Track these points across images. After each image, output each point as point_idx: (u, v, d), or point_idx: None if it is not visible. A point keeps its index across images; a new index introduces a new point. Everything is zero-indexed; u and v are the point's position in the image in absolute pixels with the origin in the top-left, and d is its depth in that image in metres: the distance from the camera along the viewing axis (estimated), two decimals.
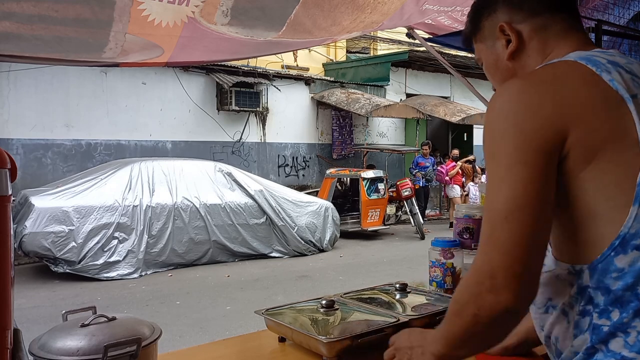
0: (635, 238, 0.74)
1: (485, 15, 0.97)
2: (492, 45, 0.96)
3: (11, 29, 1.50)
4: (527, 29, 0.92)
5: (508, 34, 0.92)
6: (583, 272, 0.78)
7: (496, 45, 0.95)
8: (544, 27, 0.91)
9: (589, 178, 0.76)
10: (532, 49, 0.92)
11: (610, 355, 0.76)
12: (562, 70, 0.82)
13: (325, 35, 1.99)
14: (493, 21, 0.95)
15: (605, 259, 0.75)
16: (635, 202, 0.74)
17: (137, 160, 7.39)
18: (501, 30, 0.93)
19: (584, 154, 0.76)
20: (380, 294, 1.52)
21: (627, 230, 0.74)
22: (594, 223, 0.77)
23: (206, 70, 9.81)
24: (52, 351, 0.89)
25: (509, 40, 0.93)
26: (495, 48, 0.96)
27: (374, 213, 9.20)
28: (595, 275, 0.76)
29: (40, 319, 4.43)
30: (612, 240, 0.75)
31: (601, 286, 0.76)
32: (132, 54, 1.84)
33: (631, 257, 0.74)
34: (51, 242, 5.94)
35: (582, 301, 0.78)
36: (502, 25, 0.92)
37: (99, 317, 0.96)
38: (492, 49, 0.97)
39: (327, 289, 5.50)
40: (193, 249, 6.90)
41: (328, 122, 11.88)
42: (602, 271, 0.76)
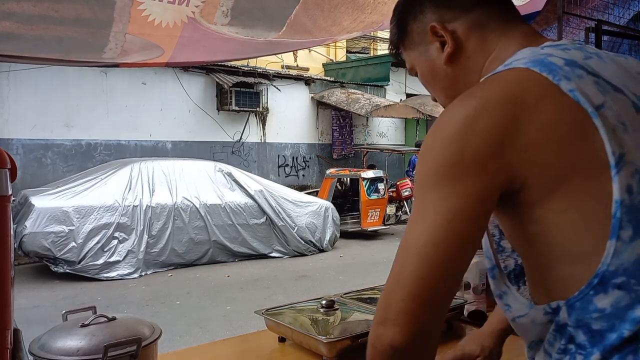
0: (615, 276, 0.63)
1: (411, 17, 0.85)
2: (424, 50, 0.84)
3: (11, 29, 1.50)
4: (462, 27, 0.80)
5: (441, 34, 0.80)
6: (560, 308, 0.68)
7: (430, 50, 0.83)
8: (479, 23, 0.80)
9: (556, 210, 0.65)
10: (471, 49, 0.80)
11: None
12: (513, 83, 0.68)
13: (325, 35, 2.00)
14: (422, 23, 0.83)
15: (583, 297, 0.65)
16: (613, 236, 0.63)
17: (137, 160, 7.39)
18: (433, 31, 0.81)
19: (545, 185, 0.65)
20: (380, 294, 1.52)
21: (606, 268, 0.64)
22: (566, 260, 0.67)
23: (206, 70, 9.82)
24: (52, 351, 0.89)
25: (443, 42, 0.81)
26: (428, 54, 0.84)
27: (374, 213, 9.20)
28: (573, 314, 0.66)
29: (40, 319, 4.42)
30: (589, 278, 0.64)
31: (581, 325, 0.66)
32: (132, 54, 1.84)
33: (613, 296, 0.64)
34: (51, 242, 5.94)
35: (562, 339, 0.68)
36: (434, 25, 0.81)
37: (99, 317, 0.96)
38: (425, 55, 0.84)
39: (327, 289, 5.49)
40: (193, 249, 6.90)
41: (328, 122, 11.88)
42: (582, 310, 0.66)
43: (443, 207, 0.65)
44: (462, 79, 0.82)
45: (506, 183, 0.66)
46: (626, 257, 0.63)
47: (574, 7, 2.68)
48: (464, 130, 0.66)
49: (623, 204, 0.63)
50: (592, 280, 0.64)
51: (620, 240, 0.63)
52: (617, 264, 0.63)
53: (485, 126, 0.65)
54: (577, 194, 0.64)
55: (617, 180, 0.63)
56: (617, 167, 0.63)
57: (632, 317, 0.63)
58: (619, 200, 0.63)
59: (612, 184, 0.63)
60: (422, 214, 0.67)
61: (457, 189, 0.65)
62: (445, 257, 0.65)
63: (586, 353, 0.66)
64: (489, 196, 0.66)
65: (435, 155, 0.68)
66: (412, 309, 0.65)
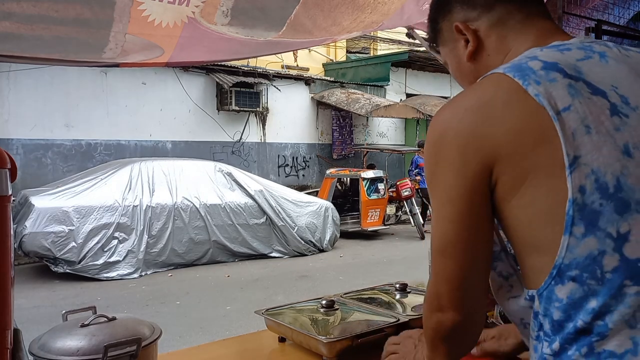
0: (569, 269, 0.69)
1: (441, 16, 0.92)
2: (453, 47, 0.91)
3: (11, 29, 1.50)
4: (484, 26, 0.86)
5: (465, 33, 0.87)
6: (535, 297, 0.75)
7: (457, 47, 0.90)
8: (500, 22, 0.85)
9: (520, 206, 0.72)
10: (491, 47, 0.86)
11: None
12: (488, 92, 0.75)
13: (325, 35, 2.00)
14: (449, 22, 0.89)
15: (547, 288, 0.72)
16: (566, 232, 0.69)
17: (137, 160, 7.39)
18: (457, 30, 0.87)
19: (510, 183, 0.72)
20: (380, 294, 1.52)
21: (562, 261, 0.70)
22: (535, 252, 0.74)
23: (206, 70, 9.82)
24: (52, 351, 0.89)
25: (467, 40, 0.87)
26: (456, 50, 0.90)
27: (373, 213, 9.20)
28: (542, 303, 0.73)
29: (40, 319, 4.42)
30: (550, 270, 0.71)
31: (547, 314, 0.73)
32: (132, 54, 1.84)
33: (568, 288, 0.69)
34: (51, 242, 5.94)
35: (536, 327, 0.76)
36: (457, 25, 0.87)
37: (99, 317, 0.96)
38: (454, 51, 0.91)
39: (327, 289, 5.50)
40: (193, 249, 6.90)
41: (328, 122, 11.88)
42: (547, 299, 0.72)
43: (445, 213, 0.77)
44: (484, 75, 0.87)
45: (486, 180, 0.74)
46: (579, 252, 0.68)
47: (574, 7, 2.68)
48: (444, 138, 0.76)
49: (575, 202, 0.68)
50: (552, 271, 0.71)
51: (573, 236, 0.68)
52: (571, 258, 0.69)
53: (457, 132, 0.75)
54: (537, 191, 0.70)
55: (570, 180, 0.68)
56: (570, 169, 0.68)
57: (585, 308, 0.69)
58: (572, 199, 0.68)
59: (566, 184, 0.68)
60: (435, 220, 0.80)
61: (453, 196, 0.76)
62: (464, 254, 0.77)
63: (550, 340, 0.72)
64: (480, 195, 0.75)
65: (426, 163, 0.80)
66: (459, 297, 0.78)
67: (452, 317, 0.79)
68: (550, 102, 0.70)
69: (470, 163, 0.74)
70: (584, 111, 0.70)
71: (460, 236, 0.76)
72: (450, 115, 0.77)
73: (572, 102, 0.70)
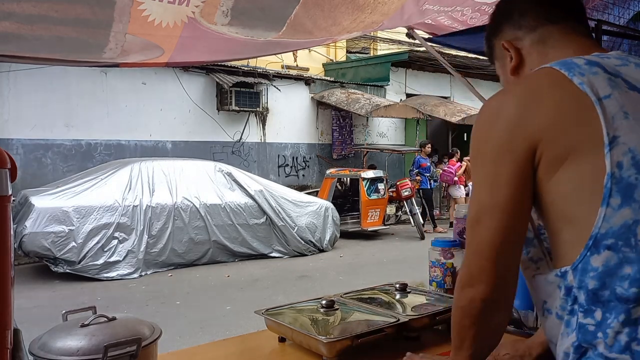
0: (605, 238, 0.76)
1: (493, 35, 1.04)
2: (502, 63, 1.03)
3: (11, 29, 1.50)
4: (527, 44, 0.97)
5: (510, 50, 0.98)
6: (567, 273, 0.80)
7: (505, 63, 1.01)
8: (542, 40, 0.95)
9: (562, 182, 0.80)
10: (533, 62, 0.96)
11: (597, 355, 0.77)
12: (536, 80, 0.86)
13: (325, 35, 2.00)
14: (499, 40, 1.01)
15: (583, 259, 0.78)
16: (603, 204, 0.76)
17: (137, 160, 7.39)
18: (504, 47, 1.00)
19: (553, 160, 0.80)
20: (380, 294, 1.52)
21: (598, 231, 0.76)
22: (571, 226, 0.80)
23: (206, 70, 9.82)
24: (52, 351, 0.89)
25: (512, 57, 0.99)
26: (504, 65, 1.02)
27: (374, 213, 9.20)
28: (577, 276, 0.79)
29: (40, 319, 4.42)
30: (586, 240, 0.77)
31: (582, 286, 0.78)
32: (132, 54, 1.84)
33: (604, 257, 0.76)
34: (51, 242, 5.94)
35: (569, 301, 0.81)
36: (503, 43, 0.99)
37: (99, 317, 0.96)
38: (503, 67, 1.03)
39: (327, 289, 5.50)
40: (193, 249, 6.90)
41: (328, 122, 11.88)
42: (582, 271, 0.78)
43: (488, 183, 0.84)
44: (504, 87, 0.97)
45: (531, 157, 0.81)
46: (614, 221, 0.76)
47: None
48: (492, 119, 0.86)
49: (613, 176, 0.76)
50: (588, 242, 0.77)
51: (610, 207, 0.76)
52: (607, 228, 0.76)
53: (507, 113, 0.84)
54: (578, 167, 0.78)
55: (609, 157, 0.76)
56: (609, 146, 0.76)
57: (620, 275, 0.75)
58: (610, 174, 0.76)
59: (605, 160, 0.76)
60: (475, 191, 0.87)
61: (496, 165, 0.84)
62: (499, 224, 0.82)
63: (585, 311, 0.78)
64: (521, 167, 0.82)
65: (475, 139, 0.88)
66: (489, 269, 0.83)
67: (483, 290, 0.83)
68: (593, 90, 0.79)
69: (517, 141, 0.82)
70: (622, 100, 0.79)
71: (499, 205, 0.82)
72: (501, 100, 0.87)
73: (612, 92, 0.80)
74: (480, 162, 0.87)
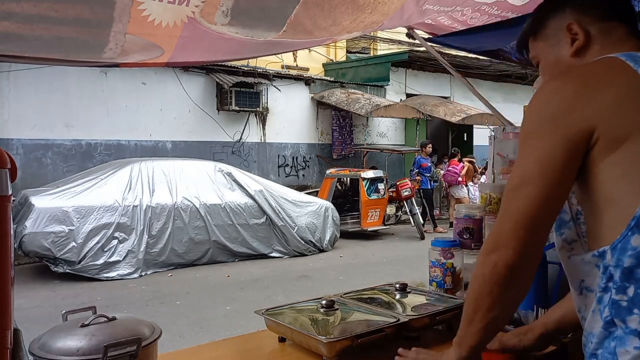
0: None
1: (552, 15, 1.03)
2: (555, 43, 1.02)
3: (11, 29, 1.50)
4: (594, 31, 0.98)
5: (576, 32, 0.99)
6: (606, 253, 0.84)
7: (560, 44, 1.01)
8: (607, 32, 0.98)
9: (613, 164, 0.83)
10: (595, 49, 0.98)
11: (628, 332, 0.80)
12: (599, 67, 0.89)
13: (325, 35, 1.99)
14: (560, 21, 1.01)
15: (623, 239, 0.81)
16: None
17: (137, 160, 7.39)
18: (569, 29, 0.99)
19: (608, 144, 0.83)
20: (380, 294, 1.52)
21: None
22: (616, 207, 0.84)
23: (206, 70, 9.82)
24: (52, 351, 0.89)
25: (574, 39, 0.99)
26: (558, 47, 1.02)
27: (373, 213, 9.20)
28: (615, 255, 0.82)
29: (40, 319, 4.42)
30: (629, 221, 0.81)
31: (619, 264, 0.82)
32: (132, 54, 1.84)
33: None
34: (51, 242, 5.94)
35: (604, 279, 0.84)
36: (572, 23, 0.99)
37: (99, 317, 0.96)
38: (554, 47, 1.03)
39: (327, 289, 5.49)
40: (193, 249, 6.90)
41: (328, 122, 11.88)
42: (621, 250, 0.81)
43: (537, 154, 0.86)
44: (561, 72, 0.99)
45: (586, 137, 0.84)
46: None
47: None
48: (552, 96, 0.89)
49: None
50: (631, 222, 0.81)
51: None
52: None
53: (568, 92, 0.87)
54: (631, 150, 0.82)
55: None
56: None
57: None
58: None
59: None
60: (522, 160, 0.89)
61: (548, 139, 0.86)
62: (540, 193, 0.85)
63: (618, 287, 0.82)
64: (573, 145, 0.85)
65: (531, 115, 0.90)
66: (520, 235, 0.85)
67: (509, 255, 0.85)
68: None
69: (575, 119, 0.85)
70: None
71: (542, 175, 0.84)
72: (564, 79, 0.91)
73: None
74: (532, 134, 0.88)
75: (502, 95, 13.73)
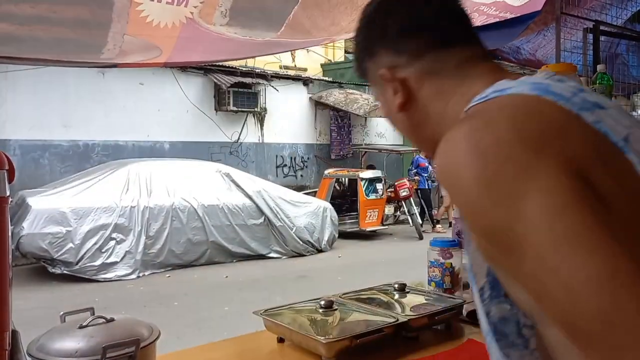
0: None
1: (366, 57, 0.78)
2: (382, 92, 0.77)
3: (9, 30, 1.50)
4: (414, 75, 0.72)
5: (392, 82, 0.74)
6: None
7: (386, 92, 0.76)
8: (433, 70, 0.72)
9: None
10: (426, 96, 0.73)
11: None
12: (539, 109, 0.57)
13: (324, 35, 2.00)
14: (375, 64, 0.76)
15: None
16: None
17: (134, 160, 7.38)
18: (384, 79, 0.74)
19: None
20: (379, 294, 1.52)
21: None
22: None
23: (204, 70, 9.81)
24: (51, 352, 0.89)
25: (395, 90, 0.74)
26: (386, 95, 0.76)
27: (372, 213, 9.20)
28: None
29: (38, 321, 4.40)
30: None
31: None
32: (131, 54, 1.83)
33: None
34: (48, 243, 5.92)
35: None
36: (384, 73, 0.74)
37: (97, 318, 0.96)
38: (383, 95, 0.77)
39: (326, 289, 5.47)
40: (191, 249, 6.89)
41: (326, 122, 11.88)
42: None
43: (579, 244, 0.48)
44: (423, 124, 0.75)
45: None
46: None
47: (572, 8, 2.69)
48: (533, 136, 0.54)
49: None
50: None
51: None
52: None
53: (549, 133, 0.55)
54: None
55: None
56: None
57: None
58: None
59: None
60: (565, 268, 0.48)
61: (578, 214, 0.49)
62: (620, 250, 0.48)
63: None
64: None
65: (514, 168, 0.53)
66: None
67: None
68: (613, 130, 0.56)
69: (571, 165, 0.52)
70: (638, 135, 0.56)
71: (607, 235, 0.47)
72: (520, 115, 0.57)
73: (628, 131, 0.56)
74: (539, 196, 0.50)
75: None
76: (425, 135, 0.75)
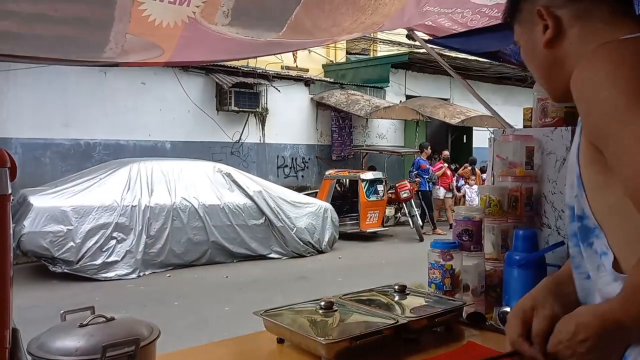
0: None
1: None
2: (530, 29, 0.89)
3: (10, 29, 1.50)
4: (568, 15, 0.84)
5: (546, 19, 0.85)
6: None
7: (535, 30, 0.88)
8: (586, 13, 0.83)
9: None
10: (574, 37, 0.84)
11: None
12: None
13: (325, 36, 2.00)
14: (531, 4, 0.88)
15: None
16: None
17: (136, 160, 7.39)
18: (539, 15, 0.86)
19: None
20: (379, 296, 1.52)
21: None
22: None
23: (206, 70, 9.81)
24: (51, 351, 0.89)
25: (547, 26, 0.85)
26: (533, 33, 0.88)
27: (372, 214, 9.20)
28: None
29: (39, 319, 4.39)
30: None
31: None
32: (133, 54, 1.84)
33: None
34: (49, 241, 5.93)
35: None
36: (540, 9, 0.86)
37: (98, 317, 0.96)
38: (530, 34, 0.90)
39: (326, 290, 5.48)
40: (191, 249, 6.89)
41: (327, 123, 11.88)
42: None
43: None
44: (561, 63, 0.86)
45: None
46: None
47: None
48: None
49: None
50: None
51: None
52: None
53: None
54: None
55: None
56: None
57: None
58: None
59: None
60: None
61: None
62: None
63: None
64: None
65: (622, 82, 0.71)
66: None
67: None
68: None
69: None
70: None
71: None
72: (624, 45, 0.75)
73: None
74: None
75: (501, 97, 13.74)
76: (560, 75, 0.86)
